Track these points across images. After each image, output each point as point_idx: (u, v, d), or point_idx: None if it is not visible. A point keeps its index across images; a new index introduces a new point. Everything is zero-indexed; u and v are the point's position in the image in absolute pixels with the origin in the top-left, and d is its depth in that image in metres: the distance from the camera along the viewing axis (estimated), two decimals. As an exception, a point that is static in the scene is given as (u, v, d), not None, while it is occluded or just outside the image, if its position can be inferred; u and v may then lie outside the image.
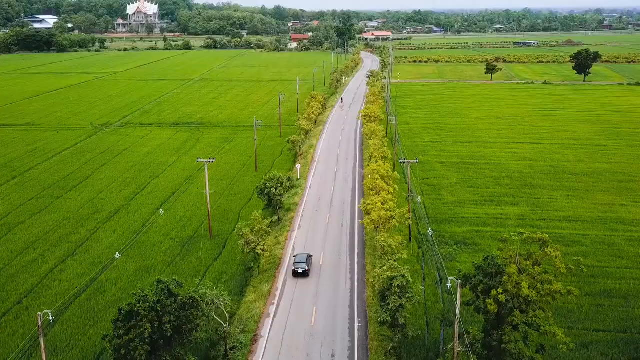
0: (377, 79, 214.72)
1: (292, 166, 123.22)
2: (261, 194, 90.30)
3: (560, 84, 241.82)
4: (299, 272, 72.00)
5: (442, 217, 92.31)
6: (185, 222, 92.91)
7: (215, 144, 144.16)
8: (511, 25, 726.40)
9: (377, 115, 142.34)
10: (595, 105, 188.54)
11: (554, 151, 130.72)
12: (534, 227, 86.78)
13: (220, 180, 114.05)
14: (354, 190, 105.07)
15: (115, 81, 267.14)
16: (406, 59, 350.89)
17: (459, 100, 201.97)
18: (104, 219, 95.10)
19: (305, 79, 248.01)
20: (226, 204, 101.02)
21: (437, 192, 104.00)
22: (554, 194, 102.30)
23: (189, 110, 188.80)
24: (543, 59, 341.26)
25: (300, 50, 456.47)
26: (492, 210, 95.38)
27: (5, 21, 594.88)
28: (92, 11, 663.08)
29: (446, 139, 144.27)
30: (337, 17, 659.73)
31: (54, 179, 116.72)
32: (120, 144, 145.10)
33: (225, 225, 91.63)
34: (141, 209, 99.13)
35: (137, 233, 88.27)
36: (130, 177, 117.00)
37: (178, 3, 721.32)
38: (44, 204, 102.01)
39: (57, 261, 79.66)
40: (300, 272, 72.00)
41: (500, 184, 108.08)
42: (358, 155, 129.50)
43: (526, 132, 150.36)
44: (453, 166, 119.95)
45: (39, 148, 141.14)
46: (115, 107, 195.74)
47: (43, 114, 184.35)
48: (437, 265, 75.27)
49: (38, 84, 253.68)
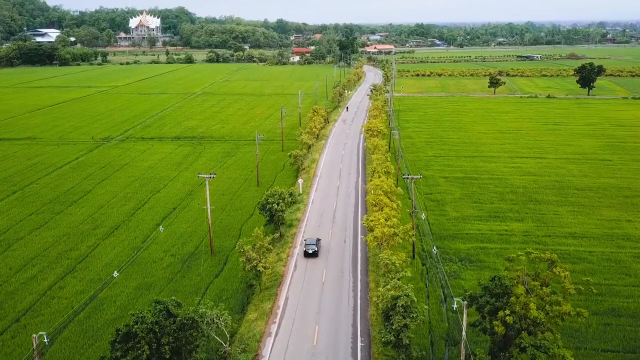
0: (380, 93, 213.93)
1: (294, 181, 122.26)
2: (263, 209, 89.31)
3: (564, 98, 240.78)
4: (310, 253, 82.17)
5: (446, 233, 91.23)
6: (186, 238, 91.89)
7: (216, 158, 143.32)
8: (514, 39, 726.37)
9: (379, 129, 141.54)
10: (599, 119, 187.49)
11: (559, 166, 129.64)
12: (539, 244, 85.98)
13: (222, 195, 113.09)
14: (357, 205, 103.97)
15: (117, 95, 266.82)
16: (409, 73, 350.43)
17: (462, 114, 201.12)
18: (104, 234, 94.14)
19: (308, 92, 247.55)
20: (227, 220, 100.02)
21: (440, 208, 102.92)
22: (559, 210, 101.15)
23: (190, 124, 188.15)
24: (546, 73, 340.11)
25: (302, 63, 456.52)
26: (496, 226, 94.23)
27: (8, 35, 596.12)
28: (95, 25, 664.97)
29: (449, 153, 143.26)
30: (340, 31, 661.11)
31: (54, 193, 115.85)
32: (121, 158, 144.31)
33: (227, 241, 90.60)
34: (142, 225, 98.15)
35: (137, 249, 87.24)
36: (131, 192, 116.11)
37: (180, 17, 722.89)
38: (44, 220, 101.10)
39: (56, 278, 78.63)
40: (311, 252, 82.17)
41: (504, 200, 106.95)
42: (361, 169, 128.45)
43: (530, 146, 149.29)
44: (457, 181, 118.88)
45: (39, 162, 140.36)
46: (117, 121, 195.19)
47: (44, 128, 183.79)
48: (441, 282, 74.18)
49: (40, 98, 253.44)
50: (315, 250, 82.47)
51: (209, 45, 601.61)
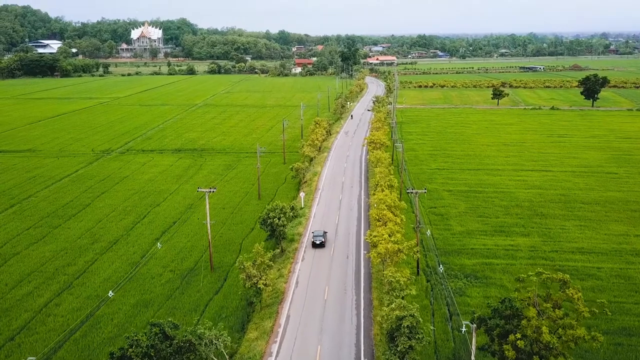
0: (382, 105, 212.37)
1: (296, 194, 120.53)
2: (264, 224, 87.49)
3: (568, 110, 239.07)
4: (317, 244, 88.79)
5: (450, 248, 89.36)
6: (186, 253, 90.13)
7: (217, 171, 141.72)
8: (516, 50, 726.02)
9: (382, 141, 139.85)
10: (604, 132, 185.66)
11: (564, 179, 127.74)
12: (546, 259, 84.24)
13: (222, 209, 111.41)
14: (360, 219, 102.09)
15: (118, 106, 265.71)
16: (411, 84, 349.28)
17: (466, 126, 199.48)
18: (102, 249, 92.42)
19: (310, 104, 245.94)
20: (228, 234, 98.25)
21: (445, 222, 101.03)
22: (565, 224, 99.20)
23: (191, 136, 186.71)
24: (550, 84, 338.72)
25: (304, 75, 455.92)
26: (502, 241, 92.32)
27: (10, 46, 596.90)
28: (97, 36, 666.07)
29: (453, 166, 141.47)
30: (342, 42, 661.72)
31: (53, 207, 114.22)
32: (122, 171, 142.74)
33: (227, 256, 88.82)
34: (140, 239, 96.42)
35: (135, 265, 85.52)
36: (131, 206, 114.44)
37: (182, 28, 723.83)
38: (42, 234, 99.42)
39: (53, 294, 76.87)
40: (318, 243, 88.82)
41: (509, 214, 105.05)
42: (363, 182, 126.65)
43: (535, 159, 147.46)
44: (461, 194, 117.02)
45: (38, 175, 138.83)
46: (118, 133, 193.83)
47: (44, 140, 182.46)
48: (446, 300, 72.30)
49: (41, 109, 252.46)
50: (322, 241, 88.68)
51: (211, 56, 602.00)
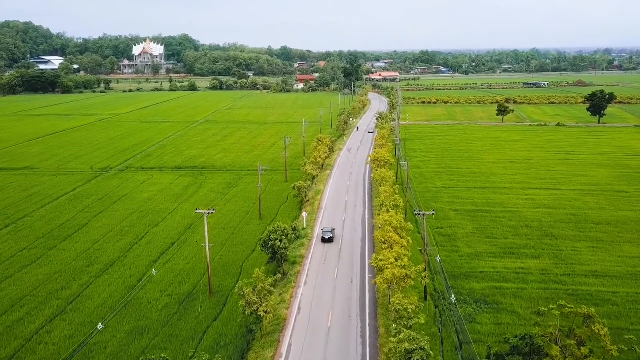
0: (386, 121, 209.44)
1: (298, 213, 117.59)
2: (265, 246, 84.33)
3: (575, 126, 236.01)
4: (326, 239, 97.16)
5: (458, 271, 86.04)
6: (184, 277, 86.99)
7: (218, 189, 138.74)
8: (520, 66, 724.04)
9: (387, 159, 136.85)
10: (612, 149, 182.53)
11: (573, 198, 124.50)
12: (558, 283, 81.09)
13: (223, 230, 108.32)
14: (364, 241, 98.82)
15: (119, 123, 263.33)
16: (414, 100, 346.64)
17: (471, 142, 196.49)
18: (97, 272, 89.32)
19: (312, 120, 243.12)
20: (228, 256, 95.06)
21: (452, 243, 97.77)
22: (577, 246, 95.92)
23: (192, 154, 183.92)
24: (554, 100, 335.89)
25: (306, 91, 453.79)
26: (512, 263, 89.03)
27: (11, 62, 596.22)
28: (98, 52, 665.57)
29: (459, 184, 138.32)
30: (344, 58, 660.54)
31: (49, 227, 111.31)
32: (120, 189, 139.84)
33: (227, 280, 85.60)
34: (138, 261, 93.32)
35: (132, 289, 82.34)
36: (128, 226, 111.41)
37: (184, 44, 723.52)
38: (36, 256, 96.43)
39: (45, 320, 73.77)
40: (327, 238, 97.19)
41: (519, 234, 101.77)
42: (367, 202, 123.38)
43: (542, 177, 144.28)
44: (468, 214, 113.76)
45: (35, 194, 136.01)
46: (117, 150, 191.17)
47: (43, 157, 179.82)
48: (456, 327, 68.95)
49: (41, 126, 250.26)
50: (331, 236, 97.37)
51: (213, 72, 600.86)
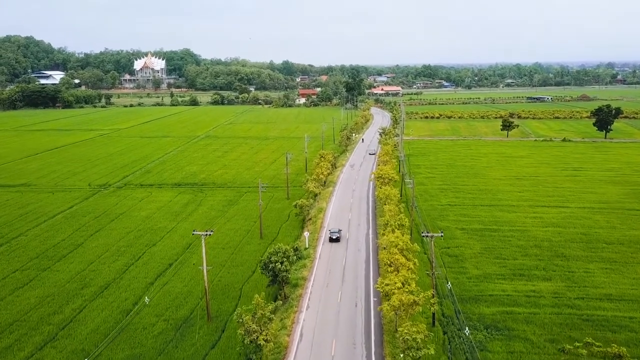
0: (389, 137, 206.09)
1: (300, 232, 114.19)
2: (265, 269, 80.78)
3: (581, 141, 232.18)
4: (333, 238, 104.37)
5: (467, 294, 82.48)
6: (181, 300, 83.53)
7: (218, 207, 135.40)
8: (522, 80, 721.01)
9: (391, 176, 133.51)
10: (620, 164, 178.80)
11: (583, 216, 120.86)
12: (572, 308, 77.60)
13: (222, 249, 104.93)
14: (368, 262, 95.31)
15: (119, 138, 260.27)
16: (417, 115, 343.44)
17: (476, 158, 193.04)
18: (91, 295, 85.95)
19: (314, 135, 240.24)
20: (227, 278, 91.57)
21: (460, 264, 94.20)
22: (589, 267, 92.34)
23: (192, 170, 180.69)
24: (559, 115, 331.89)
25: (308, 105, 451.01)
26: (522, 286, 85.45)
27: (12, 77, 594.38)
28: (99, 66, 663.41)
29: (465, 201, 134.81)
30: (346, 72, 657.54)
31: (43, 247, 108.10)
32: (118, 207, 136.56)
33: (226, 303, 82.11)
34: (134, 284, 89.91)
35: (127, 313, 78.92)
36: (125, 246, 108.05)
37: (185, 58, 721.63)
38: (29, 277, 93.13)
39: (34, 348, 70.47)
40: (334, 237, 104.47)
41: (528, 255, 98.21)
42: (371, 220, 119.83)
43: (550, 194, 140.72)
44: (475, 233, 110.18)
45: (31, 211, 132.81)
46: (116, 166, 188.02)
47: (40, 174, 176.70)
48: (466, 355, 65.34)
49: (39, 142, 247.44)
50: (338, 237, 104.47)
51: (214, 87, 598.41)
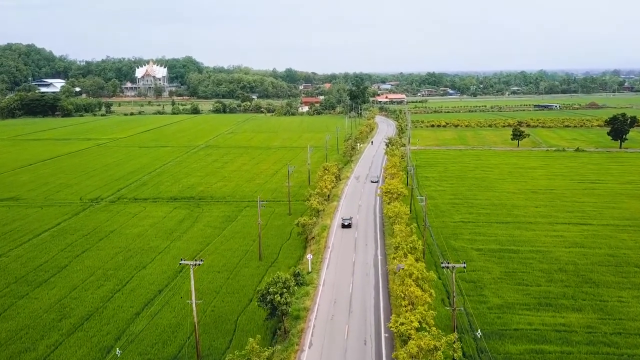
0: (396, 147, 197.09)
1: (302, 253, 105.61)
2: (262, 301, 71.68)
3: (595, 152, 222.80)
4: (346, 225, 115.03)
5: (489, 328, 73.49)
6: (169, 335, 74.73)
7: (215, 224, 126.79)
8: (528, 87, 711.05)
9: (400, 191, 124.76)
10: (639, 177, 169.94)
11: (608, 235, 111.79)
12: (609, 346, 68.78)
13: (217, 273, 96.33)
14: (377, 289, 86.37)
15: (116, 148, 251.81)
16: (423, 123, 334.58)
17: (487, 170, 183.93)
18: (70, 328, 77.30)
19: (317, 145, 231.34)
20: (221, 308, 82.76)
21: (478, 292, 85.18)
22: (622, 295, 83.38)
23: (190, 182, 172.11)
24: (569, 123, 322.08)
25: (311, 114, 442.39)
26: (550, 318, 76.46)
27: (13, 85, 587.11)
28: (101, 74, 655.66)
29: (479, 217, 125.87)
30: (350, 80, 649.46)
31: (24, 270, 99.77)
32: (109, 223, 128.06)
33: (218, 339, 73.25)
34: (118, 314, 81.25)
35: (107, 351, 70.17)
36: (112, 269, 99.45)
37: (188, 66, 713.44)
38: (3, 307, 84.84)
39: (-1, 395, 61.78)
40: (347, 224, 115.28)
41: (553, 280, 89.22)
42: (379, 239, 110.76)
43: (569, 209, 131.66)
44: (492, 255, 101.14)
45: (16, 229, 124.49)
46: (111, 178, 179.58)
47: (31, 187, 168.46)
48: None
49: (34, 152, 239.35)
50: (350, 223, 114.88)
51: (216, 95, 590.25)
